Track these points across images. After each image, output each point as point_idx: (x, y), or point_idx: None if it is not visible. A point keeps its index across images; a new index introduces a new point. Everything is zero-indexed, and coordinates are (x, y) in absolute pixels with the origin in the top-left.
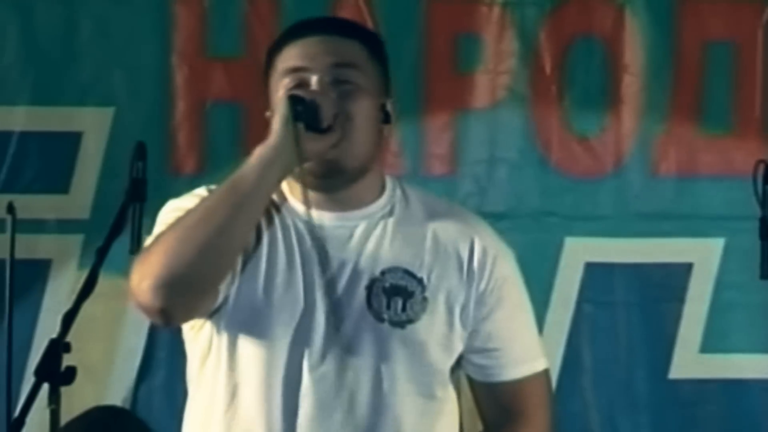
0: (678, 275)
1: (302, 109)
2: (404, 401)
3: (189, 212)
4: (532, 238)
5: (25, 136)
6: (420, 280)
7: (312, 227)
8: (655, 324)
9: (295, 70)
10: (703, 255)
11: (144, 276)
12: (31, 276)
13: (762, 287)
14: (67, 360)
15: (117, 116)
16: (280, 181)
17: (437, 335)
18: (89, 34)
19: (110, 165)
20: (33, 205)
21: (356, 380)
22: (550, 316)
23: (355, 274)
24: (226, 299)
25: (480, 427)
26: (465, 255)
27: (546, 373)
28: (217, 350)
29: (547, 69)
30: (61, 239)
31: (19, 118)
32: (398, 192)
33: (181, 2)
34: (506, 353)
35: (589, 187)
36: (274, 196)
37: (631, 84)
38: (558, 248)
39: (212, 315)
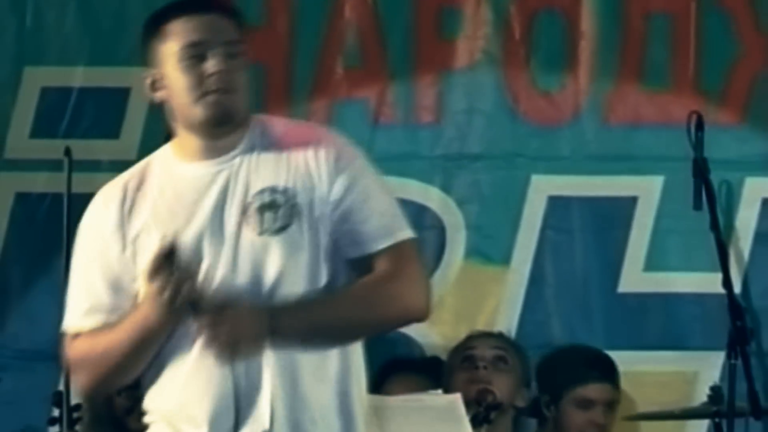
0: (625, 207)
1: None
2: (291, 294)
3: (108, 341)
4: (504, 176)
5: (83, 91)
6: (284, 191)
7: (187, 179)
8: (606, 247)
9: (194, 44)
10: (646, 190)
11: (76, 377)
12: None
13: (695, 216)
14: None
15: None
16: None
17: (308, 233)
18: (136, 7)
19: (153, 115)
20: (89, 148)
21: (250, 290)
22: (519, 241)
23: (230, 205)
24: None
25: None
26: (312, 159)
27: (411, 242)
28: None
29: (517, 35)
30: (113, 177)
31: (78, 77)
32: (257, 130)
33: None
34: (366, 229)
35: (551, 133)
36: (158, 163)
37: (586, 48)
38: (525, 184)
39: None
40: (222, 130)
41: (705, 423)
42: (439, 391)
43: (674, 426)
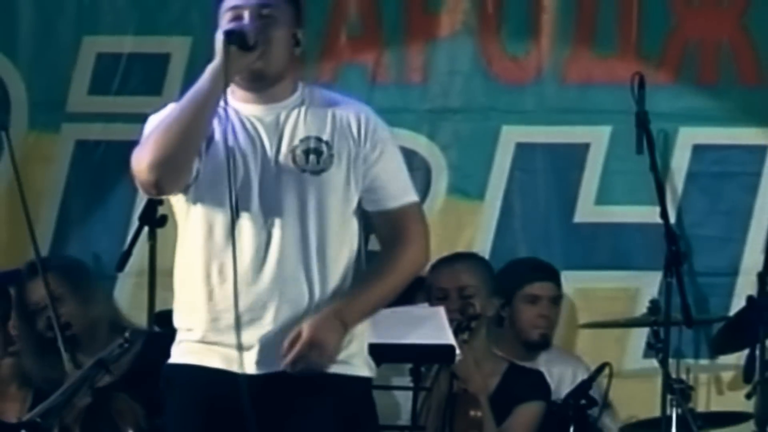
0: (579, 151)
1: (235, 36)
2: (325, 226)
3: (167, 115)
4: (479, 126)
5: (131, 56)
6: (327, 143)
7: (246, 118)
8: (563, 185)
9: (233, 8)
10: (597, 137)
11: (142, 159)
12: None
13: (637, 159)
14: (160, 210)
15: (194, 43)
16: (225, 86)
17: (342, 180)
18: None
19: (190, 76)
20: (136, 103)
21: (289, 220)
22: (492, 181)
23: (282, 144)
24: (196, 175)
25: None
26: (355, 125)
27: (419, 204)
28: (189, 213)
29: (490, 10)
30: None
31: (127, 44)
32: (307, 90)
33: None
34: (390, 188)
35: (519, 90)
36: (223, 102)
37: (547, 20)
38: (497, 133)
39: (187, 189)
40: (257, 85)
41: (645, 331)
42: (426, 304)
43: (620, 333)
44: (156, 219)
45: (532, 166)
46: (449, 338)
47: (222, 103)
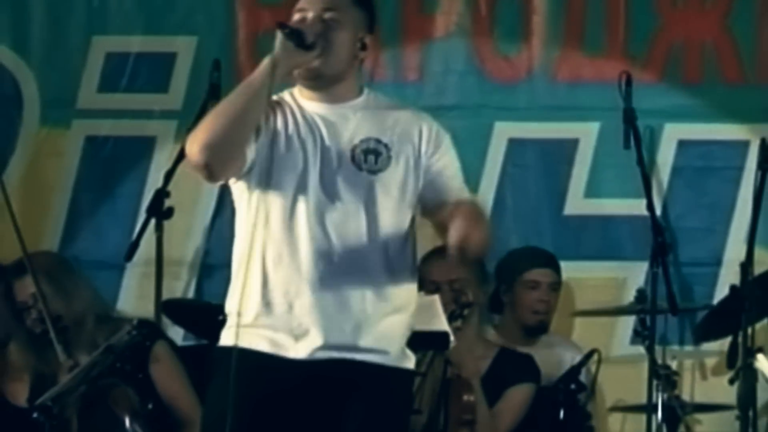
0: (569, 147)
1: (291, 33)
2: (377, 223)
3: (221, 101)
4: (473, 122)
5: (139, 55)
6: (386, 145)
7: (309, 114)
8: (554, 179)
9: (300, 10)
10: (586, 133)
11: (194, 141)
12: (143, 148)
13: (624, 154)
14: (167, 202)
15: (200, 42)
16: (279, 80)
17: (399, 182)
18: None
19: (195, 74)
20: (144, 100)
21: (345, 213)
22: (485, 175)
23: (342, 142)
24: (251, 164)
25: None
26: (416, 131)
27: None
28: (248, 200)
29: (483, 12)
30: (163, 123)
31: (135, 44)
32: (372, 95)
33: None
34: (449, 186)
35: (511, 88)
36: (288, 96)
37: (538, 22)
38: (490, 129)
39: (244, 176)
40: (316, 84)
41: (632, 318)
42: (421, 293)
43: (608, 321)
44: (163, 211)
45: (523, 161)
46: (444, 325)
47: (290, 99)
